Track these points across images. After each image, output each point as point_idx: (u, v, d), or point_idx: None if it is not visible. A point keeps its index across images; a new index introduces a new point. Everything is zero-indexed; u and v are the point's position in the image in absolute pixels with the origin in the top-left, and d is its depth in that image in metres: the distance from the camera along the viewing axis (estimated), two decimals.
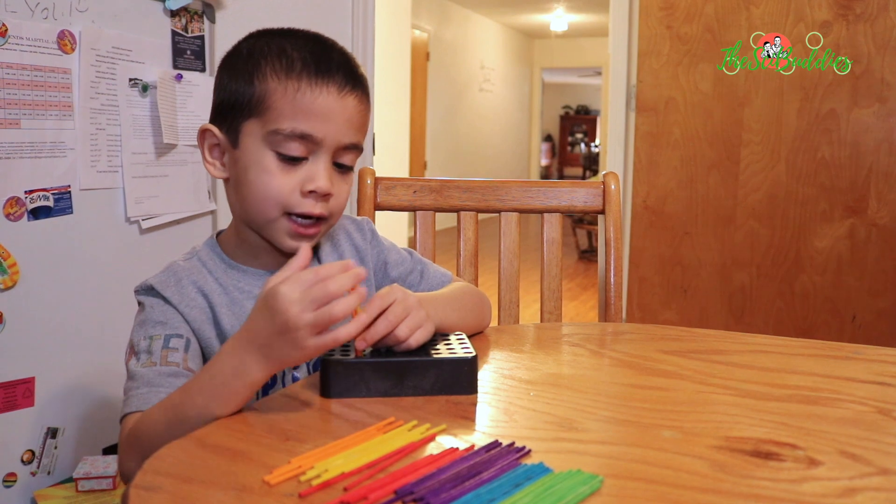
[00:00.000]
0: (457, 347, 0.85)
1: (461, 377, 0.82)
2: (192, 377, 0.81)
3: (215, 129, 0.95)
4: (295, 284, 0.73)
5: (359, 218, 1.12)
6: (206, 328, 0.94)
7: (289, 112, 0.90)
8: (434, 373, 0.81)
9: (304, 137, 0.90)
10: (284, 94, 0.90)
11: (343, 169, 0.95)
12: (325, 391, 0.80)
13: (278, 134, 0.90)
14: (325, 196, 0.92)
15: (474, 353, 0.83)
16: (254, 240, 0.98)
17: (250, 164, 0.92)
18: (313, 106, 0.90)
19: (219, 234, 1.04)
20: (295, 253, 0.94)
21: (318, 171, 0.91)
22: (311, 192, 0.91)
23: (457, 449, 0.67)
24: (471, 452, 0.65)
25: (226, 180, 0.98)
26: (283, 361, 0.75)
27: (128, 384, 0.86)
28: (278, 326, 0.72)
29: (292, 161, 0.91)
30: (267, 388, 0.93)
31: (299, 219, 0.93)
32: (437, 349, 0.85)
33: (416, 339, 0.84)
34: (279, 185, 0.91)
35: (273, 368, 0.75)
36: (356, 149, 0.95)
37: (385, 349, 0.84)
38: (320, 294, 0.72)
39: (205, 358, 0.93)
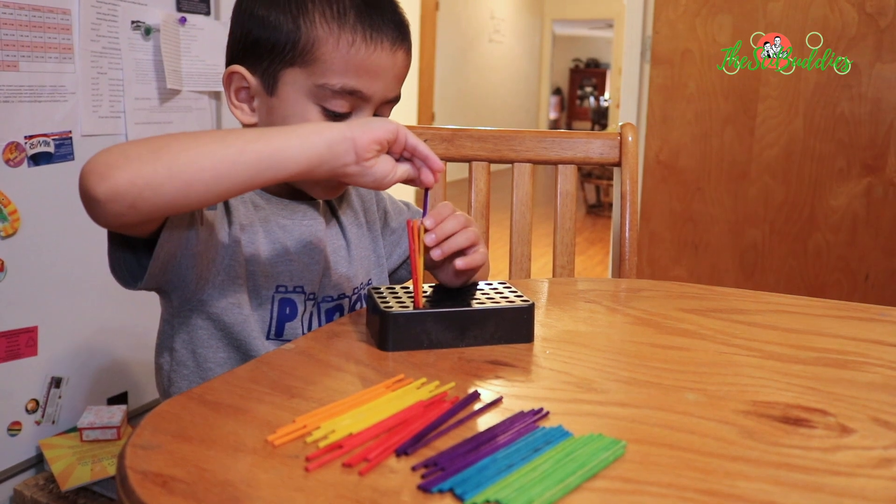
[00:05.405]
0: (510, 295, 0.84)
1: (520, 325, 0.80)
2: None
3: (246, 73, 0.88)
4: None
5: None
6: (238, 257, 0.87)
7: (340, 66, 0.84)
8: (495, 322, 0.79)
9: (353, 93, 0.85)
10: (337, 47, 0.83)
11: None
12: (383, 344, 0.77)
13: (326, 89, 0.84)
14: None
15: (532, 301, 0.81)
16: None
17: (291, 116, 0.86)
18: (367, 62, 0.84)
19: None
20: (323, 200, 0.96)
21: None
22: None
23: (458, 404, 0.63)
24: (476, 409, 0.62)
25: (253, 125, 0.91)
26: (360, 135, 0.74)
27: None
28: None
29: (337, 117, 0.86)
30: (282, 325, 0.90)
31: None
32: (492, 298, 0.83)
33: (478, 258, 0.84)
34: None
35: (349, 136, 0.74)
36: (396, 101, 0.91)
37: (441, 300, 0.82)
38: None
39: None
